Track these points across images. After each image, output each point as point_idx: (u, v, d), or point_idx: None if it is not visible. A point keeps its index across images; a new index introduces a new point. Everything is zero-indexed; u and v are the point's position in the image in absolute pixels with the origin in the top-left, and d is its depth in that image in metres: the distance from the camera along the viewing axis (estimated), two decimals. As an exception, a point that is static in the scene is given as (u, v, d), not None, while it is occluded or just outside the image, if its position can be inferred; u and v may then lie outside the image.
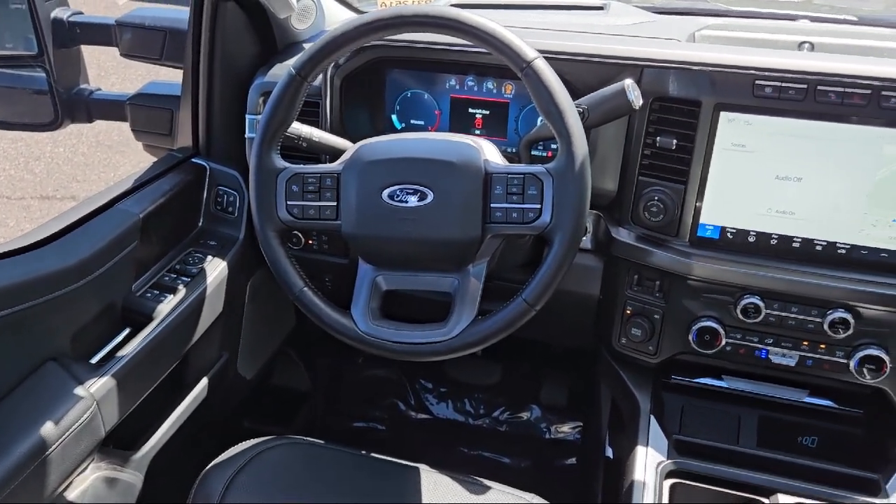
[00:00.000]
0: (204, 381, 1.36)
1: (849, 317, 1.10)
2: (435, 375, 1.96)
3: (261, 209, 1.04)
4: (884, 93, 1.01)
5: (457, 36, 0.98)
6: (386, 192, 1.00)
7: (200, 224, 1.39)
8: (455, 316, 1.02)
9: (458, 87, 1.28)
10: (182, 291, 1.24)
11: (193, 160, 1.39)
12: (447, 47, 1.21)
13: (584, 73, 1.14)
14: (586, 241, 1.25)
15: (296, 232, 1.37)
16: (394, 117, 1.33)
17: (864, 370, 1.12)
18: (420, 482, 1.12)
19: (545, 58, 0.97)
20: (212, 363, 1.39)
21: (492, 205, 0.98)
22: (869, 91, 1.02)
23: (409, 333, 1.02)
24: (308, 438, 1.21)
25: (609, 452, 1.41)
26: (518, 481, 1.16)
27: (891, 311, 1.09)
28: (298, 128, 1.10)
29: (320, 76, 1.23)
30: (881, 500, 1.07)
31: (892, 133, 1.03)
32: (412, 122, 1.32)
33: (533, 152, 1.25)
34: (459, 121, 1.29)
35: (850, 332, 1.10)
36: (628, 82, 1.01)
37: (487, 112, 1.28)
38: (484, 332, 1.00)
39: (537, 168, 0.97)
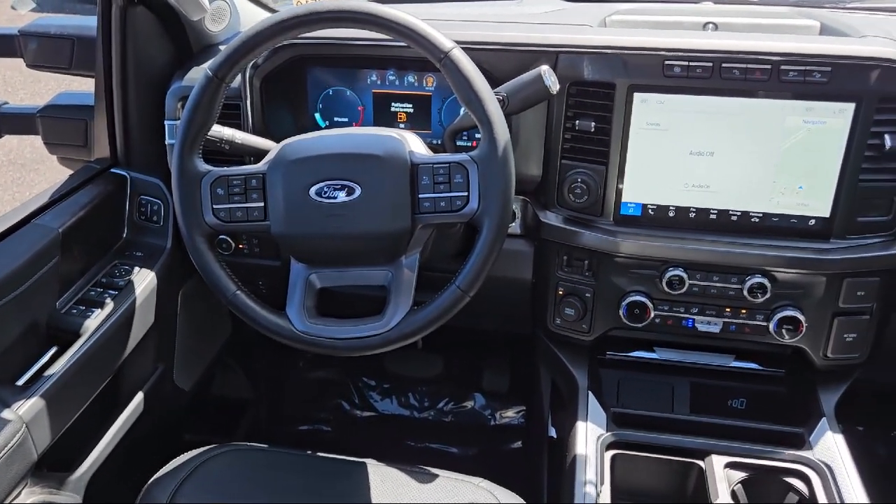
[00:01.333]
0: (140, 396, 1.33)
1: (765, 281, 1.15)
2: (377, 372, 1.96)
3: (186, 215, 1.03)
4: (783, 67, 1.07)
5: (373, 30, 0.99)
6: (313, 190, 1.00)
7: (125, 235, 1.35)
8: (391, 308, 1.03)
9: (379, 82, 1.28)
10: (110, 305, 1.21)
11: (113, 170, 1.35)
12: (366, 42, 1.21)
13: (501, 61, 1.16)
14: (515, 227, 1.28)
15: (225, 237, 1.35)
16: (317, 116, 1.32)
17: (783, 331, 1.18)
18: (368, 477, 1.13)
19: (462, 48, 0.98)
20: (147, 376, 1.36)
21: (420, 195, 1.00)
22: (769, 66, 1.07)
23: (347, 329, 1.02)
24: (253, 444, 1.20)
25: (552, 432, 1.45)
26: (466, 469, 1.17)
27: (803, 274, 1.15)
28: (220, 130, 1.09)
29: (239, 77, 1.22)
30: (805, 452, 1.13)
31: (793, 105, 1.08)
32: (336, 119, 1.32)
33: (458, 143, 1.26)
34: (383, 116, 1.30)
35: (768, 295, 1.16)
36: (544, 68, 1.04)
37: (410, 105, 1.29)
38: (420, 321, 1.01)
39: (462, 157, 0.98)
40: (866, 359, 1.23)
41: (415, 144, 1.03)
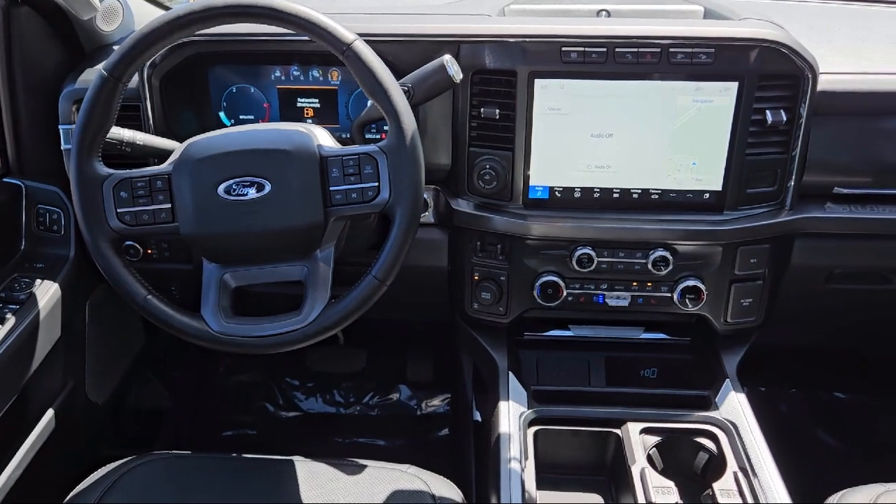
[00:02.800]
0: (50, 413, 1.28)
1: (667, 254, 1.22)
2: (300, 371, 1.95)
3: (89, 221, 0.99)
4: (671, 50, 1.12)
5: (274, 24, 0.98)
6: (222, 188, 0.99)
7: (23, 247, 1.30)
8: (309, 302, 1.03)
9: (283, 77, 1.27)
10: (11, 320, 1.15)
11: (5, 180, 1.29)
12: (267, 38, 1.20)
13: (404, 52, 1.18)
14: (429, 216, 1.30)
15: (132, 242, 1.31)
16: (221, 114, 1.30)
17: (686, 300, 1.24)
18: (296, 473, 1.13)
19: (365, 40, 0.99)
20: (57, 392, 1.31)
21: (331, 188, 1.00)
22: (659, 49, 1.13)
23: (265, 326, 1.02)
24: (174, 451, 1.18)
25: (477, 416, 1.48)
26: (395, 460, 1.19)
27: (701, 245, 1.22)
28: (120, 132, 1.06)
29: (136, 77, 1.19)
30: (712, 413, 1.20)
31: (682, 85, 1.14)
32: (241, 117, 1.30)
33: (367, 136, 1.27)
34: (289, 112, 1.29)
35: (671, 268, 1.22)
36: (447, 58, 1.06)
37: (317, 100, 1.29)
38: (339, 314, 1.02)
39: (370, 147, 0.99)
40: (762, 322, 1.31)
41: (323, 138, 1.03)
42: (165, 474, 1.12)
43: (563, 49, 1.14)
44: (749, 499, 1.06)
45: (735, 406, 1.21)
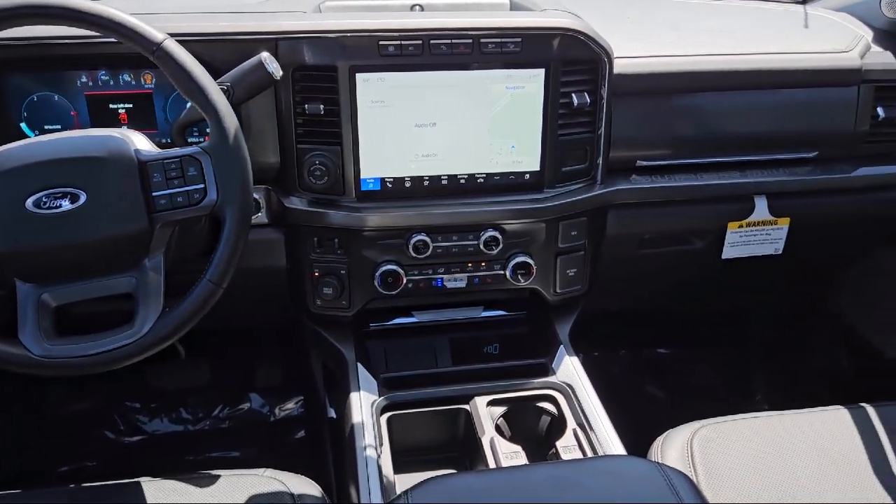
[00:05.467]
0: None
1: (497, 234, 1.28)
2: (140, 392, 1.85)
3: None
4: (482, 40, 1.19)
5: (73, 26, 0.93)
6: (31, 201, 0.92)
7: None
8: (141, 314, 0.99)
9: (91, 83, 1.20)
10: None
11: None
12: (68, 41, 1.13)
13: (220, 52, 1.15)
14: (262, 216, 1.28)
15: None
16: (23, 126, 1.21)
17: (518, 276, 1.32)
18: (143, 495, 1.08)
19: (178, 40, 0.96)
20: None
21: (153, 193, 0.96)
22: (471, 40, 1.18)
23: (95, 344, 0.97)
24: (2, 493, 1.09)
25: (332, 413, 1.48)
26: (252, 468, 1.17)
27: (526, 223, 1.30)
28: None
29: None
30: (550, 378, 1.29)
31: (496, 74, 1.21)
32: (46, 127, 1.22)
33: (190, 139, 1.23)
34: (101, 119, 1.22)
35: (501, 246, 1.29)
36: (265, 55, 1.06)
37: (131, 105, 1.23)
38: (175, 322, 0.99)
39: (192, 149, 0.97)
40: (587, 289, 1.42)
41: (140, 142, 0.99)
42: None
43: (381, 43, 1.17)
44: (588, 451, 1.15)
45: (570, 370, 1.31)
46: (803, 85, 1.37)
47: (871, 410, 1.27)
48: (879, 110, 1.40)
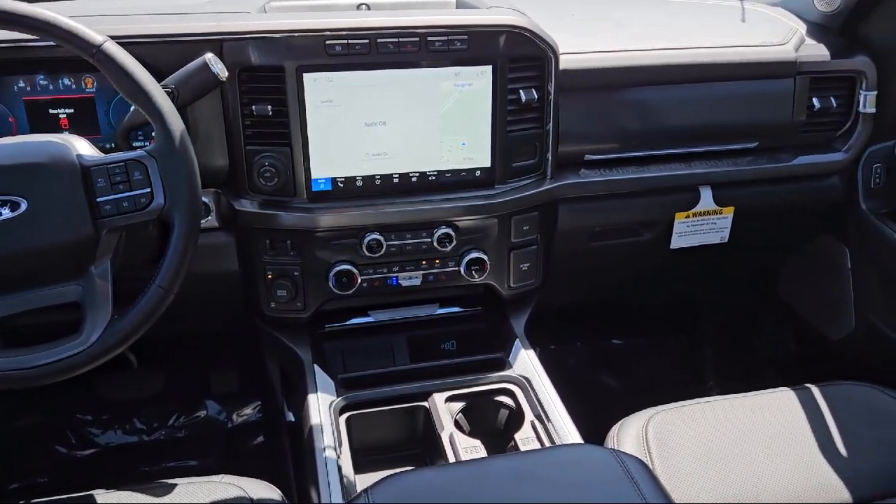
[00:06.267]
0: None
1: (450, 231, 1.29)
2: (92, 404, 1.81)
3: None
4: (429, 38, 1.19)
5: (8, 29, 0.91)
6: (-33, 211, 0.90)
7: None
8: (89, 323, 0.96)
9: (29, 88, 1.17)
10: None
11: None
12: (2, 45, 1.10)
13: (163, 54, 1.13)
14: (212, 220, 1.26)
15: None
16: None
17: (472, 271, 1.33)
18: (97, 507, 1.06)
19: (120, 43, 0.95)
20: None
21: (98, 199, 0.94)
22: (418, 38, 1.19)
23: (40, 355, 0.94)
24: None
25: (290, 417, 1.47)
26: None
27: (479, 219, 1.31)
28: None
29: None
30: (507, 372, 1.30)
31: (444, 71, 1.22)
32: (-17, 135, 1.18)
33: (135, 144, 1.21)
34: (41, 125, 1.19)
35: (455, 243, 1.30)
36: (209, 56, 1.04)
37: (72, 110, 1.20)
38: (125, 329, 0.97)
39: (137, 153, 0.95)
40: (541, 283, 1.44)
41: (82, 147, 0.97)
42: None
43: (328, 42, 1.17)
44: (546, 442, 1.16)
45: (526, 363, 1.32)
46: (742, 77, 1.41)
47: (815, 391, 1.31)
48: (814, 100, 1.45)
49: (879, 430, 1.24)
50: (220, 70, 1.05)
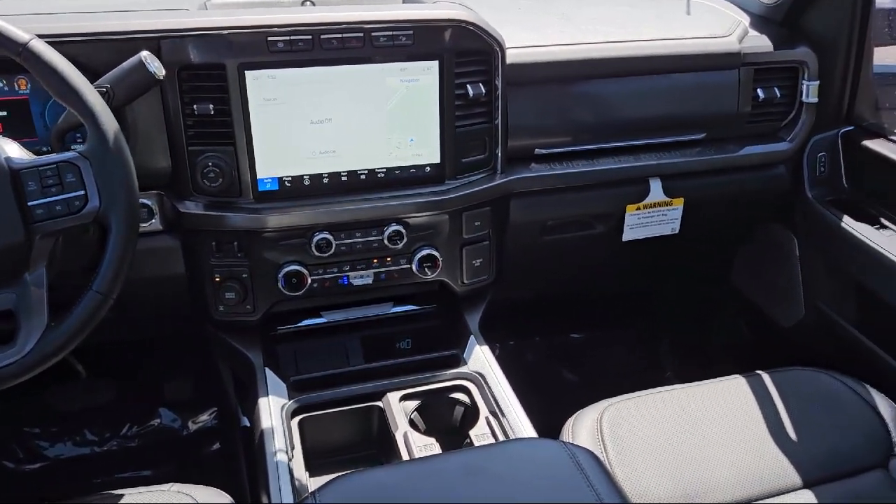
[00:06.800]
0: None
1: (401, 228, 1.28)
2: (40, 416, 1.75)
3: None
4: (374, 34, 1.18)
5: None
6: None
7: None
8: (23, 331, 0.93)
9: (-43, 90, 1.13)
10: None
11: None
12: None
13: (99, 53, 1.10)
14: (156, 223, 1.23)
15: None
16: None
17: (425, 269, 1.32)
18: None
19: (52, 41, 0.92)
20: None
21: (29, 203, 0.91)
22: (362, 34, 1.18)
23: (-28, 366, 0.91)
24: None
25: (245, 421, 1.45)
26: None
27: (430, 215, 1.30)
28: None
29: None
30: (462, 368, 1.30)
31: (390, 67, 1.21)
32: None
33: (73, 146, 1.17)
34: None
35: (406, 240, 1.29)
36: (144, 54, 1.01)
37: (5, 113, 1.16)
38: (62, 338, 0.93)
39: (69, 154, 0.92)
40: (494, 278, 1.43)
41: (11, 149, 0.93)
42: None
43: (269, 39, 1.14)
44: (501, 437, 1.16)
45: (481, 359, 1.31)
46: (688, 69, 1.43)
47: (766, 378, 1.33)
48: (759, 91, 1.48)
49: (828, 415, 1.26)
50: (157, 68, 1.02)
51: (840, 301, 1.55)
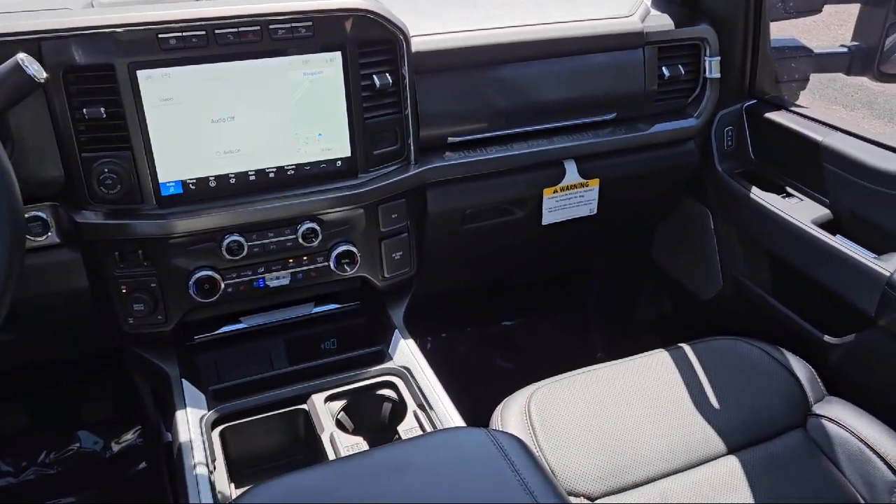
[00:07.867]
0: None
1: (315, 225, 1.25)
2: (-53, 450, 1.65)
3: None
4: (271, 26, 1.14)
5: None
6: None
7: None
8: None
9: None
10: None
11: None
12: None
13: (-27, 57, 1.03)
14: (52, 236, 1.16)
15: None
16: None
17: (343, 265, 1.29)
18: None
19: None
20: None
21: None
22: (259, 27, 1.14)
23: None
24: None
25: (168, 437, 1.39)
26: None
27: (344, 210, 1.27)
28: None
29: None
30: (388, 364, 1.27)
31: (291, 60, 1.17)
32: None
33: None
34: None
35: (321, 237, 1.26)
36: (21, 56, 0.95)
37: None
38: None
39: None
40: (416, 271, 1.42)
41: None
42: None
43: (160, 36, 1.09)
44: (429, 430, 1.14)
45: (406, 353, 1.30)
46: (594, 50, 1.44)
47: (688, 349, 1.36)
48: (664, 69, 1.50)
49: (748, 381, 1.29)
50: (37, 71, 0.96)
51: (754, 270, 1.59)
